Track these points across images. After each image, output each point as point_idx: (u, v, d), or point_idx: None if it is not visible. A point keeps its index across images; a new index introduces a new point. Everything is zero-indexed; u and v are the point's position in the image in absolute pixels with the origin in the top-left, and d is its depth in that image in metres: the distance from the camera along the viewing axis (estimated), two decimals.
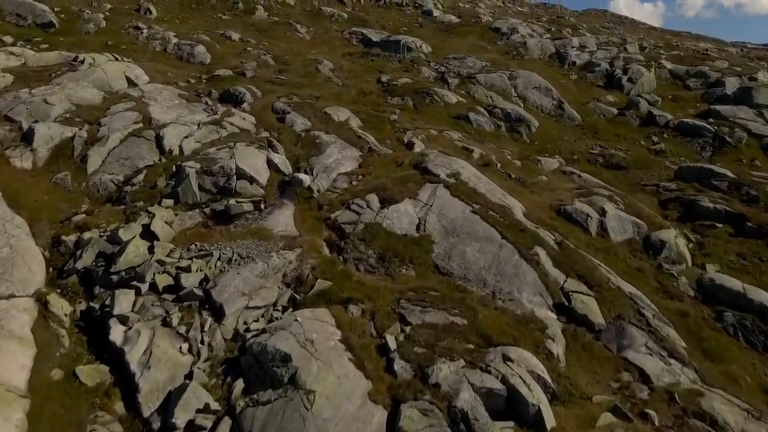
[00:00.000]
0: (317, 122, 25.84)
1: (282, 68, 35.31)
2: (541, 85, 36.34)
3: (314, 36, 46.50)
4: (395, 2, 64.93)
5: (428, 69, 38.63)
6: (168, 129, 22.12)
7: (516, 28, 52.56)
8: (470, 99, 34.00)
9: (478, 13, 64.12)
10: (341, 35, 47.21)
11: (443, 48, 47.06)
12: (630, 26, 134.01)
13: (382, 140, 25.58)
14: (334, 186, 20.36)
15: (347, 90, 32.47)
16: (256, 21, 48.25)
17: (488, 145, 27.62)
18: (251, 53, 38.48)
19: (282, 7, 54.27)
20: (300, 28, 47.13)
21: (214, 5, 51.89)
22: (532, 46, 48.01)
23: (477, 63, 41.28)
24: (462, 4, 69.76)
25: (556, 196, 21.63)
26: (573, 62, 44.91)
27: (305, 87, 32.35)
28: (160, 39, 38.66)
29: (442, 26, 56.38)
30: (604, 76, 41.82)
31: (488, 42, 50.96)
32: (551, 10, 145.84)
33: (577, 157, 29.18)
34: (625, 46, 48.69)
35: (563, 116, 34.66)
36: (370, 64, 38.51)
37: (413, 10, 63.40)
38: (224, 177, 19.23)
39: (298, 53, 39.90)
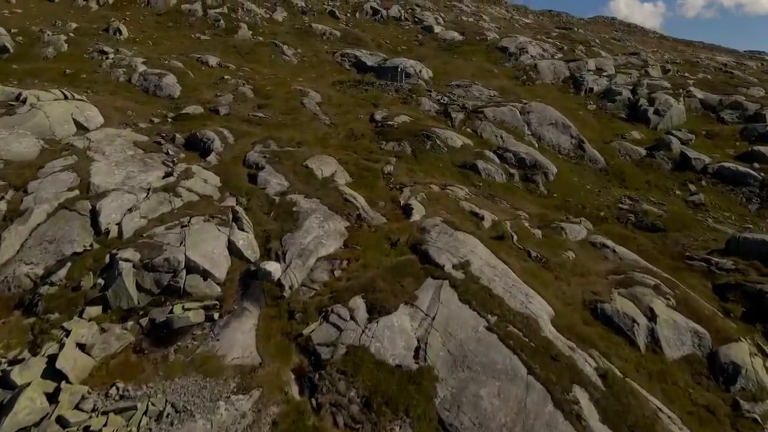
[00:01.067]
0: (296, 180, 22.08)
1: (262, 103, 31.61)
2: (557, 121, 32.65)
3: (302, 59, 42.90)
4: (393, 17, 61.52)
5: (429, 100, 34.98)
6: (108, 200, 18.34)
7: (525, 47, 49.05)
8: (477, 139, 30.29)
9: (482, 28, 60.67)
10: (332, 58, 43.62)
11: (445, 71, 43.52)
12: (640, 35, 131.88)
13: (375, 202, 21.83)
14: (312, 279, 16.56)
15: (335, 131, 28.76)
16: (238, 42, 44.66)
17: (500, 204, 23.85)
18: (228, 83, 34.82)
19: (268, 25, 50.76)
20: (287, 50, 43.54)
21: (194, 23, 48.36)
22: (543, 69, 44.45)
23: (484, 92, 37.68)
24: (465, 18, 66.38)
25: (588, 284, 17.81)
26: (590, 89, 41.33)
27: (287, 128, 28.67)
28: (126, 66, 35.01)
29: (443, 44, 52.89)
30: (627, 105, 38.21)
31: (495, 63, 47.44)
32: (557, 18, 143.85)
33: (604, 214, 25.43)
34: (646, 68, 45.13)
35: (584, 158, 30.96)
36: (363, 96, 34.85)
37: (412, 25, 59.98)
38: (170, 273, 15.45)
39: (282, 82, 36.24)
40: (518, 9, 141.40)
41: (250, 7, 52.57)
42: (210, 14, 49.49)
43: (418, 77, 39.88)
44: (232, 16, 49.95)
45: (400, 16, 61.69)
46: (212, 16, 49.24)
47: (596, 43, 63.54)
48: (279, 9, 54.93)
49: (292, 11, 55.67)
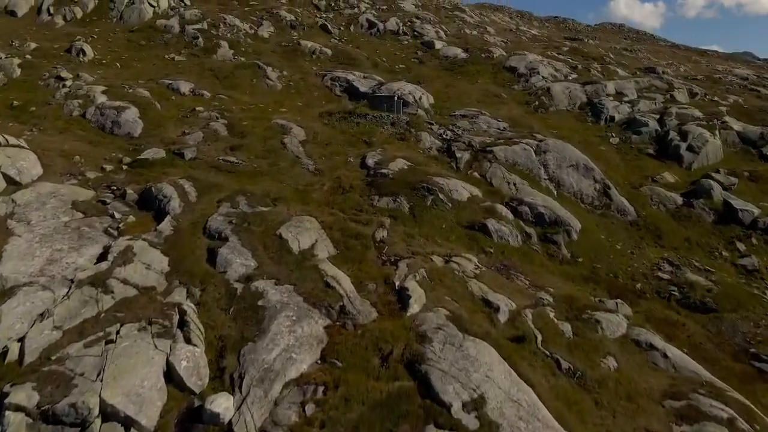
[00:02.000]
0: (266, 258, 18.25)
1: (236, 143, 27.82)
2: (579, 162, 28.89)
3: (287, 83, 39.17)
4: (390, 30, 57.95)
5: (430, 135, 31.23)
6: (13, 302, 14.49)
7: (536, 67, 45.39)
8: (486, 187, 26.49)
9: (487, 43, 57.04)
10: (321, 81, 39.90)
11: (448, 97, 39.85)
12: (649, 43, 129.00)
13: (363, 284, 18.01)
14: (275, 421, 12.67)
15: (320, 180, 24.96)
16: (216, 64, 40.93)
17: (518, 280, 19.99)
18: (200, 116, 31.06)
19: (253, 42, 47.10)
20: (270, 73, 39.82)
21: (169, 41, 44.70)
22: (557, 93, 40.77)
23: (492, 124, 33.96)
24: (468, 30, 62.85)
25: (639, 415, 13.95)
26: (611, 117, 37.64)
27: (262, 177, 24.88)
28: (83, 97, 31.29)
29: (445, 62, 49.24)
30: (654, 139, 34.50)
31: (503, 86, 43.78)
32: (562, 25, 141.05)
33: (641, 287, 21.61)
34: (671, 92, 41.46)
35: (611, 207, 27.17)
36: (355, 131, 31.08)
37: (411, 40, 56.38)
38: (77, 425, 11.58)
39: (263, 113, 32.48)
40: (522, 16, 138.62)
41: (233, 22, 48.96)
42: (188, 31, 45.85)
43: (418, 106, 36.16)
44: (212, 33, 46.28)
45: (398, 30, 58.13)
46: (190, 34, 45.58)
47: (610, 59, 60.02)
48: (265, 23, 51.33)
49: (280, 26, 52.08)
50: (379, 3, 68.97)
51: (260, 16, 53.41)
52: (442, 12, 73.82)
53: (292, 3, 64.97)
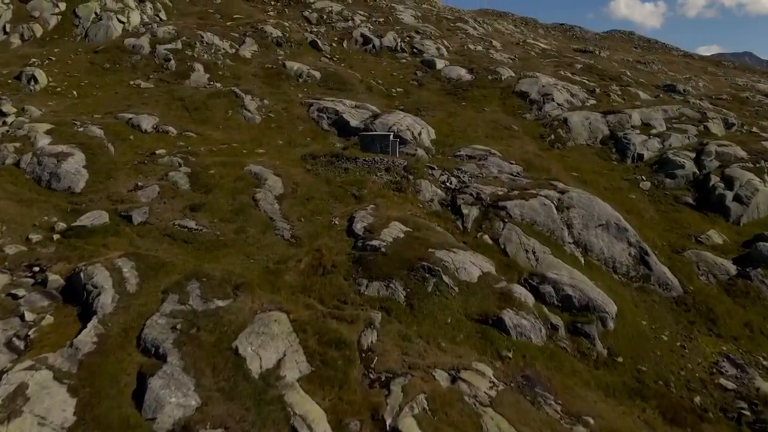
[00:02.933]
0: (213, 390, 14.07)
1: (197, 201, 23.68)
2: (609, 221, 24.75)
3: (268, 115, 35.05)
4: (387, 47, 53.98)
5: (431, 184, 27.13)
6: None
7: (550, 92, 41.37)
8: (499, 257, 22.34)
9: (493, 61, 53.07)
10: (307, 113, 35.78)
11: (452, 129, 35.82)
12: (662, 52, 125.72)
13: (343, 423, 13.91)
14: None
15: (296, 255, 20.78)
16: (187, 92, 36.80)
17: (546, 407, 15.75)
18: (160, 162, 26.95)
19: (232, 64, 43.04)
20: (249, 102, 35.72)
21: (137, 64, 40.66)
22: (576, 125, 36.72)
23: (504, 167, 29.88)
24: (472, 46, 58.91)
25: None
26: (639, 155, 33.60)
27: (225, 249, 20.75)
28: (22, 139, 27.24)
29: (448, 85, 45.23)
30: (691, 183, 30.48)
31: (514, 115, 39.76)
32: (569, 32, 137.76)
33: (700, 402, 17.41)
34: (704, 123, 37.38)
35: (650, 279, 23.02)
36: (342, 180, 26.94)
37: (410, 57, 52.40)
38: None
39: (235, 158, 28.38)
40: (527, 23, 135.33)
41: (212, 41, 44.96)
42: (159, 52, 41.82)
43: (417, 143, 32.06)
44: (186, 54, 42.24)
45: (396, 46, 54.15)
46: (161, 55, 41.55)
47: (628, 77, 56.10)
48: (248, 41, 47.33)
49: (264, 43, 48.08)
50: (376, 15, 65.12)
51: (243, 32, 49.41)
52: (444, 24, 69.98)
53: (281, 16, 61.13)
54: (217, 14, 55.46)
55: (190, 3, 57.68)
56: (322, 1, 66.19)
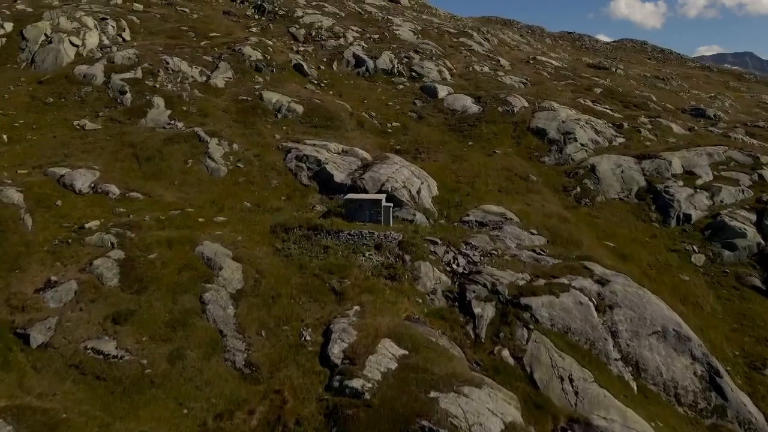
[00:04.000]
0: None
1: (125, 306, 18.37)
2: (666, 327, 19.48)
3: (236, 166, 29.78)
4: (382, 69, 48.87)
5: (433, 267, 21.92)
6: None
7: (571, 130, 36.18)
8: (525, 387, 17.06)
9: (503, 86, 48.00)
10: (284, 161, 30.52)
11: (458, 181, 30.69)
12: (677, 63, 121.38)
13: None
14: None
15: (247, 399, 15.49)
16: (141, 135, 31.50)
17: None
18: (87, 242, 21.64)
19: (201, 95, 37.81)
20: (214, 148, 30.47)
21: (86, 97, 35.49)
22: (606, 174, 31.57)
23: (523, 239, 24.68)
24: (478, 67, 53.82)
25: None
26: (685, 216, 28.38)
27: (150, 391, 15.54)
28: None
29: (452, 118, 40.05)
30: (755, 256, 25.19)
31: (529, 157, 34.62)
32: (578, 42, 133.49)
33: None
34: (758, 170, 32.14)
35: (725, 414, 17.80)
36: (320, 265, 21.64)
37: (408, 82, 47.29)
38: None
39: (187, 230, 23.09)
40: (533, 32, 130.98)
41: (178, 67, 39.82)
42: (114, 82, 36.65)
43: (415, 205, 26.82)
44: (146, 84, 37.03)
45: (393, 69, 49.04)
46: (116, 86, 36.37)
47: (653, 102, 51.09)
48: (222, 66, 42.18)
49: (242, 68, 42.94)
50: (371, 31, 60.14)
51: (218, 54, 44.25)
52: (446, 39, 64.97)
53: (265, 33, 56.10)
54: (191, 32, 50.38)
55: (162, 19, 52.63)
56: (311, 16, 61.23)
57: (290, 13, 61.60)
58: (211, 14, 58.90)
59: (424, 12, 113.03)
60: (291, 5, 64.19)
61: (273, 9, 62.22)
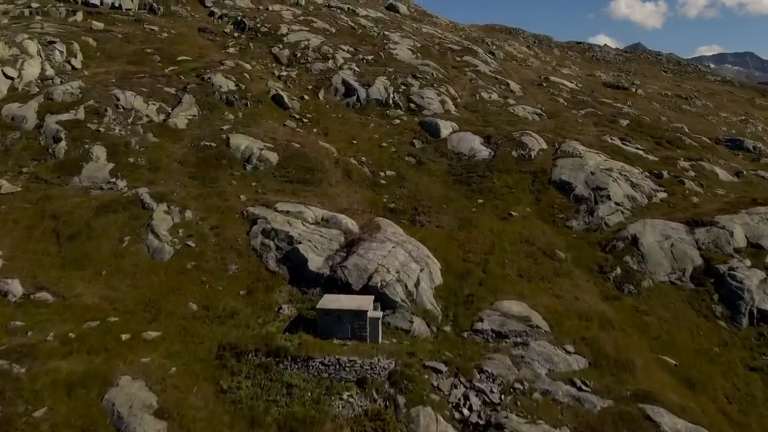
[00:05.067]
0: None
1: None
2: None
3: (185, 244, 23.97)
4: (376, 99, 43.23)
5: (436, 416, 16.13)
6: None
7: (603, 185, 30.50)
8: None
9: (515, 119, 42.36)
10: (247, 236, 24.72)
11: (466, 258, 25.01)
12: (696, 77, 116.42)
13: None
14: None
15: None
16: (68, 202, 25.68)
17: None
18: None
19: (155, 141, 32.04)
20: (160, 220, 24.67)
21: (11, 147, 29.61)
22: (651, 249, 25.87)
23: (557, 362, 19.03)
24: (486, 94, 48.19)
25: None
26: (760, 312, 22.58)
27: None
28: None
29: (458, 165, 34.37)
30: None
31: (554, 220, 28.97)
32: (588, 53, 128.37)
33: None
34: None
35: None
36: (282, 416, 15.80)
37: (406, 115, 41.61)
38: None
39: (98, 363, 17.28)
40: (540, 42, 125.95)
41: (131, 103, 34.12)
42: (48, 127, 30.92)
43: (412, 306, 21.00)
44: (88, 128, 31.32)
45: (387, 98, 43.38)
46: (50, 131, 30.65)
47: (686, 135, 45.45)
48: (186, 100, 36.47)
49: (209, 102, 37.25)
50: (364, 49, 54.59)
51: (183, 85, 38.58)
52: (449, 58, 59.45)
53: (244, 54, 50.52)
54: (157, 55, 44.72)
55: (124, 40, 46.99)
56: (297, 33, 55.62)
57: (274, 30, 56.02)
58: (184, 32, 53.27)
59: (424, 21, 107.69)
60: (275, 21, 58.65)
61: (254, 26, 56.61)
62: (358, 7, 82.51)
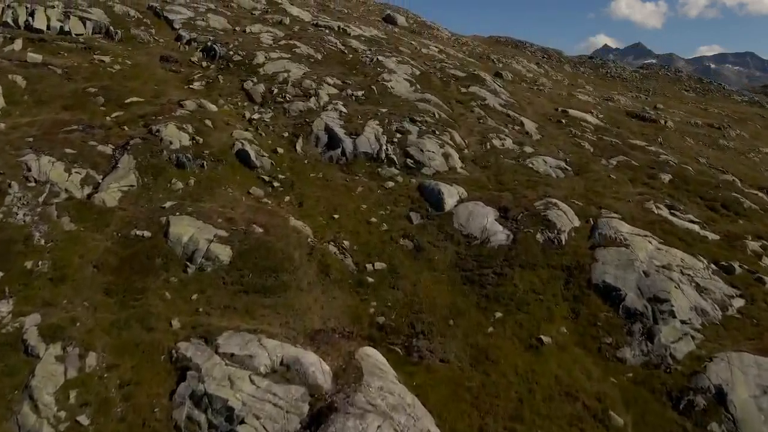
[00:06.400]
0: None
1: None
2: None
3: (73, 421, 16.82)
4: (365, 153, 36.28)
5: None
6: None
7: (663, 294, 23.45)
8: None
9: (536, 180, 35.48)
10: (170, 401, 17.60)
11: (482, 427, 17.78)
12: (722, 97, 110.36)
13: None
14: None
15: None
16: None
17: None
18: None
19: (72, 227, 24.83)
20: (44, 375, 17.56)
21: None
22: (747, 411, 18.88)
23: None
24: (498, 140, 41.33)
25: None
26: None
27: None
28: None
29: (467, 256, 27.39)
30: None
31: (599, 350, 21.87)
32: (601, 69, 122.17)
33: None
34: None
35: None
36: None
37: (401, 176, 34.67)
38: None
39: None
40: (549, 57, 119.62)
41: (47, 174, 26.95)
42: None
43: None
44: None
45: (379, 151, 36.44)
46: None
47: (740, 192, 38.56)
48: (123, 165, 29.31)
49: (155, 165, 30.16)
50: (354, 82, 47.80)
51: (124, 141, 31.51)
52: (452, 90, 52.68)
53: (210, 89, 43.71)
54: (101, 96, 37.74)
55: (64, 76, 40.08)
56: (276, 62, 48.76)
57: (249, 58, 49.17)
58: (142, 62, 46.38)
59: (423, 34, 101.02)
60: (251, 47, 51.81)
61: (226, 53, 49.75)
62: (351, 22, 75.84)
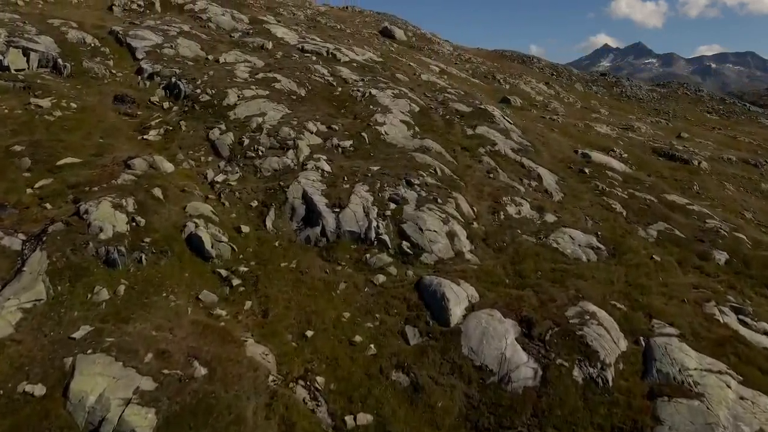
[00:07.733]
0: None
1: None
2: None
3: None
4: (350, 231, 29.82)
5: None
6: None
7: None
8: None
9: (562, 268, 29.07)
10: None
11: None
12: (746, 121, 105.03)
13: None
14: None
15: None
16: None
17: None
18: None
19: None
20: None
21: None
22: None
23: None
24: (512, 207, 34.99)
25: None
26: None
27: None
28: None
29: (482, 400, 21.06)
30: None
31: None
32: (616, 87, 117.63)
33: None
34: None
35: None
36: None
37: (395, 266, 28.26)
38: None
39: None
40: (559, 74, 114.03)
41: None
42: None
43: None
44: None
45: (368, 231, 29.97)
46: None
47: None
48: (31, 265, 22.77)
49: (77, 265, 23.60)
50: (342, 127, 41.52)
51: (40, 228, 25.14)
52: (457, 131, 46.42)
53: (168, 140, 37.41)
54: (29, 156, 31.35)
55: None
56: (250, 103, 42.41)
57: (219, 97, 42.86)
58: (91, 104, 40.00)
59: (423, 50, 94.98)
60: (223, 83, 45.48)
61: (193, 91, 43.41)
62: (344, 42, 69.64)
